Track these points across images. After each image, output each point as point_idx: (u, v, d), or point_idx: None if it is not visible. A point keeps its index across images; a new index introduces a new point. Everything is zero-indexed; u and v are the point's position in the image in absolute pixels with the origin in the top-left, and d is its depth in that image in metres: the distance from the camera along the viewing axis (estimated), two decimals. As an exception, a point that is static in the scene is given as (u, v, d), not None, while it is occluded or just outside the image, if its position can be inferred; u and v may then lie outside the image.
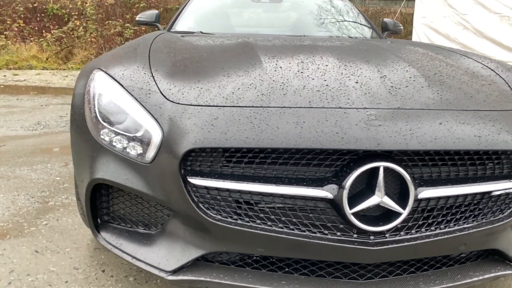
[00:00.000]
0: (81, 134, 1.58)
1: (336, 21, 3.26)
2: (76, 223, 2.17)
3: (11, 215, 2.24)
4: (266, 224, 1.29)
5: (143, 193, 1.40)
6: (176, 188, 1.31)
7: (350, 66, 1.63)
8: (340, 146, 1.20)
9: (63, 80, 7.38)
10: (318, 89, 1.42)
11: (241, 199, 1.30)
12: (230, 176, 1.29)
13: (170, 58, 1.79)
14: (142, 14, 3.36)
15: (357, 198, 1.24)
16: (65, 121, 4.37)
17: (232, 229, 1.29)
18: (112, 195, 1.57)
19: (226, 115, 1.31)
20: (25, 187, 2.63)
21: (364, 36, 3.10)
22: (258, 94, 1.40)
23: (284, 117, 1.28)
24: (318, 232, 1.28)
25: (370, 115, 1.28)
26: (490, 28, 5.80)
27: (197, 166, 1.31)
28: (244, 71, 1.58)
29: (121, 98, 1.48)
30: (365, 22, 3.35)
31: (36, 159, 3.18)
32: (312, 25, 3.14)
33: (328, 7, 3.38)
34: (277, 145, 1.22)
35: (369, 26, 3.32)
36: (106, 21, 10.62)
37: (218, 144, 1.24)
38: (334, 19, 3.29)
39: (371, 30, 3.27)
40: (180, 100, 1.41)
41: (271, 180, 1.27)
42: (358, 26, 3.26)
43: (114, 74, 1.57)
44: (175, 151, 1.28)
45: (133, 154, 1.42)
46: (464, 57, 2.06)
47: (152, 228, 1.53)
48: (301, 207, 1.29)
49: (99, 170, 1.46)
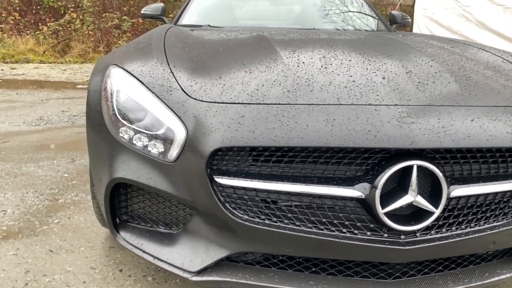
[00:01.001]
0: (99, 132, 1.55)
1: (344, 14, 3.23)
2: (88, 221, 2.14)
3: (22, 213, 2.21)
4: (295, 224, 1.26)
5: (167, 193, 1.37)
6: (202, 187, 1.28)
7: (374, 61, 1.59)
8: (373, 145, 1.17)
9: (61, 74, 7.29)
10: (345, 85, 1.39)
11: (269, 198, 1.28)
12: (258, 175, 1.26)
13: (186, 54, 1.75)
14: (147, 8, 3.31)
15: (388, 197, 1.21)
16: (67, 116, 4.32)
17: (260, 229, 1.26)
18: (131, 194, 1.53)
19: (253, 113, 1.28)
20: (33, 184, 2.59)
21: (373, 29, 3.07)
22: (284, 90, 1.37)
23: (313, 115, 1.25)
24: (348, 231, 1.25)
25: (402, 112, 1.25)
26: (494, 20, 5.76)
27: (224, 165, 1.28)
28: (266, 67, 1.55)
29: (141, 95, 1.44)
30: (373, 15, 3.31)
31: (41, 155, 3.14)
32: (320, 17, 3.10)
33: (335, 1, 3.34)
34: (308, 143, 1.19)
35: (378, 19, 3.28)
36: (103, 14, 10.50)
37: (247, 143, 1.21)
38: (342, 12, 3.25)
39: (380, 22, 3.23)
40: (203, 98, 1.37)
41: (300, 179, 1.24)
42: (367, 18, 3.22)
43: (132, 71, 1.53)
44: (201, 150, 1.25)
45: (154, 152, 1.39)
46: (482, 51, 2.03)
47: (173, 228, 1.50)
48: (330, 206, 1.26)
49: (120, 169, 1.43)
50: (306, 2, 3.37)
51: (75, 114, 4.38)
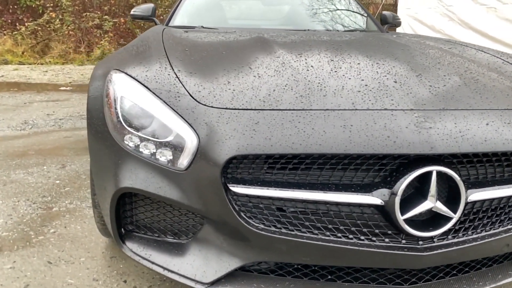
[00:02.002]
0: (102, 140, 1.49)
1: (337, 14, 3.22)
2: (86, 230, 2.07)
3: (15, 223, 2.12)
4: (312, 233, 1.24)
5: (177, 202, 1.33)
6: (217, 196, 1.24)
7: (383, 64, 1.58)
8: (393, 151, 1.15)
9: (43, 75, 7.10)
10: (358, 89, 1.37)
11: (285, 206, 1.25)
12: (273, 183, 1.23)
13: (188, 57, 1.70)
14: (137, 8, 3.23)
15: (406, 204, 1.20)
16: (53, 119, 4.20)
17: (276, 238, 1.24)
18: (138, 203, 1.49)
19: (267, 119, 1.25)
20: (24, 192, 2.50)
21: (367, 29, 3.07)
22: (297, 95, 1.34)
23: (329, 121, 1.23)
24: (366, 239, 1.24)
25: (419, 117, 1.24)
26: (476, 20, 5.86)
27: (238, 173, 1.24)
28: (275, 71, 1.52)
29: (148, 102, 1.39)
30: (367, 15, 3.31)
31: (30, 161, 3.03)
32: (313, 18, 3.08)
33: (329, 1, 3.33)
34: (326, 150, 1.16)
35: (371, 19, 3.29)
36: (83, 13, 10.27)
37: (263, 151, 1.18)
38: (332, 11, 3.24)
39: (372, 23, 3.24)
40: (213, 104, 1.34)
41: (317, 186, 1.22)
42: (360, 19, 3.22)
43: (136, 76, 1.48)
44: (215, 158, 1.21)
45: (163, 160, 1.35)
46: (480, 52, 2.05)
47: (182, 237, 1.46)
48: (348, 213, 1.24)
49: (127, 178, 1.38)
50: (297, 3, 3.35)
51: (61, 118, 4.26)
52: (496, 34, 5.61)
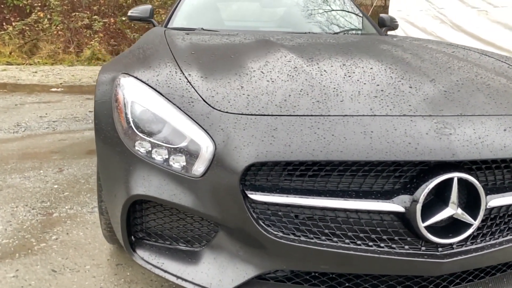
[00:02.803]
0: (112, 146, 1.46)
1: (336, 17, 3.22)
2: (89, 236, 2.03)
3: (15, 230, 2.07)
4: (332, 240, 1.22)
5: (193, 210, 1.30)
6: (235, 204, 1.22)
7: (395, 69, 1.58)
8: (414, 158, 1.15)
9: (32, 76, 6.97)
10: (374, 95, 1.36)
11: (304, 214, 1.23)
12: (292, 190, 1.21)
13: (197, 61, 1.68)
14: (134, 10, 3.18)
15: (426, 210, 1.19)
16: (46, 122, 4.12)
17: (295, 247, 1.22)
18: (149, 211, 1.45)
19: (286, 126, 1.23)
20: (22, 197, 2.44)
21: (367, 32, 3.07)
22: (313, 101, 1.33)
23: (349, 127, 1.22)
24: (385, 246, 1.23)
25: (438, 123, 1.23)
26: (468, 22, 5.93)
27: (257, 180, 1.22)
28: (288, 76, 1.50)
29: (160, 107, 1.37)
30: (365, 18, 3.32)
31: (26, 165, 2.97)
32: (313, 20, 3.08)
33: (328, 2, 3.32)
34: (348, 157, 1.15)
35: (369, 22, 3.29)
36: (72, 13, 10.12)
37: (283, 158, 1.16)
38: (334, 15, 3.24)
39: (371, 25, 3.24)
40: (228, 109, 1.31)
41: (337, 193, 1.21)
42: (360, 21, 3.23)
43: (147, 80, 1.45)
44: (233, 165, 1.19)
45: (176, 167, 1.32)
46: (484, 56, 2.06)
47: (195, 245, 1.43)
48: (367, 221, 1.23)
49: (140, 186, 1.35)
50: (296, 5, 3.34)
51: (54, 120, 4.18)
52: (487, 37, 5.67)
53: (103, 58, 9.22)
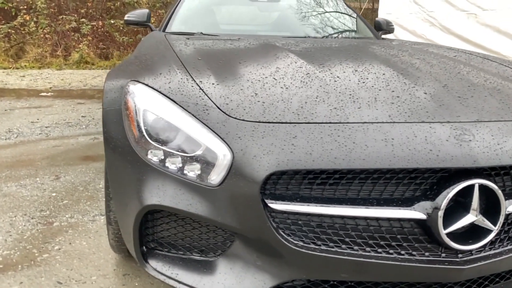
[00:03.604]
0: (123, 155, 1.43)
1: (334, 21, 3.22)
2: (92, 246, 1.99)
3: (15, 241, 2.01)
4: (353, 249, 1.21)
5: (209, 220, 1.28)
6: (254, 213, 1.20)
7: (407, 74, 1.58)
8: (436, 165, 1.14)
9: (20, 80, 6.84)
10: (391, 101, 1.35)
11: (325, 223, 1.22)
12: (313, 199, 1.20)
13: (205, 67, 1.65)
14: (131, 14, 3.14)
15: (447, 217, 1.19)
16: (39, 127, 4.03)
17: (315, 256, 1.20)
18: (161, 220, 1.42)
19: (305, 133, 1.22)
20: (20, 206, 2.38)
21: (365, 35, 3.08)
22: (330, 108, 1.32)
23: (369, 134, 1.21)
24: (406, 253, 1.22)
25: (456, 130, 1.23)
26: (458, 25, 6.01)
27: (276, 189, 1.21)
28: (301, 82, 1.49)
29: (174, 115, 1.34)
30: (362, 22, 3.33)
31: (21, 172, 2.90)
32: (312, 25, 3.08)
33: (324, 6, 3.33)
34: (370, 165, 1.14)
35: (366, 26, 3.31)
36: (59, 16, 9.97)
37: (305, 166, 1.15)
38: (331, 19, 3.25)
39: (368, 29, 3.26)
40: (244, 117, 1.30)
41: (358, 202, 1.20)
42: (358, 25, 3.24)
43: (159, 88, 1.42)
44: (253, 174, 1.17)
45: (191, 175, 1.30)
46: (487, 60, 2.08)
47: (209, 255, 1.40)
48: (388, 228, 1.22)
49: (154, 195, 1.32)
50: (294, 9, 3.33)
51: (47, 125, 4.10)
52: (477, 39, 5.76)
53: (92, 62, 9.11)
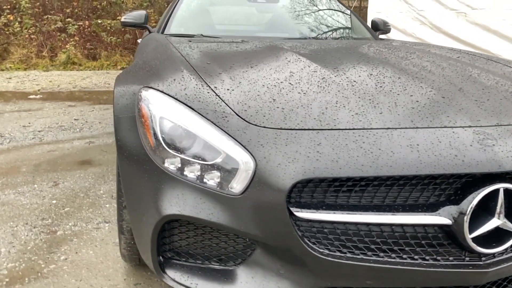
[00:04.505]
0: (139, 164, 1.40)
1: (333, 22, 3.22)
2: (99, 255, 1.94)
3: (19, 252, 1.96)
4: (378, 256, 1.21)
5: (232, 229, 1.26)
6: (279, 222, 1.18)
7: (422, 78, 1.58)
8: (462, 170, 1.14)
9: (7, 82, 6.69)
10: (411, 106, 1.35)
11: (350, 230, 1.21)
12: (339, 207, 1.19)
13: (215, 72, 1.63)
14: (128, 15, 3.08)
15: (472, 221, 1.19)
16: (31, 132, 3.94)
17: (341, 264, 1.19)
18: (179, 229, 1.40)
19: (329, 140, 1.21)
20: (20, 215, 2.32)
21: (365, 36, 3.09)
22: (352, 113, 1.31)
23: (394, 140, 1.20)
24: (430, 258, 1.22)
25: (479, 134, 1.24)
26: (448, 24, 6.08)
27: (302, 197, 1.19)
28: (318, 87, 1.47)
29: (192, 122, 1.32)
30: (359, 22, 3.34)
31: (17, 179, 2.83)
32: (313, 26, 3.07)
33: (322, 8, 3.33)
34: (398, 172, 1.13)
35: (364, 26, 3.32)
36: (44, 16, 9.78)
37: (331, 174, 1.14)
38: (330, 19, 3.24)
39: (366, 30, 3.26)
40: (265, 124, 1.28)
41: (383, 208, 1.19)
42: (357, 26, 3.24)
43: (175, 95, 1.39)
44: (278, 182, 1.16)
45: (211, 184, 1.27)
46: (491, 61, 2.09)
47: (229, 263, 1.38)
48: (413, 234, 1.22)
49: (174, 205, 1.30)
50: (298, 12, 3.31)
51: (39, 130, 4.01)
52: (466, 38, 5.83)
53: (79, 63, 8.96)
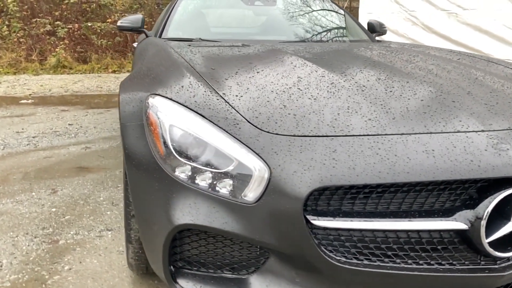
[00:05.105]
0: (148, 172, 1.38)
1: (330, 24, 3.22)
2: (104, 264, 1.91)
3: (22, 263, 1.92)
4: (395, 262, 1.20)
5: (246, 238, 1.25)
6: (296, 230, 1.17)
7: (430, 82, 1.58)
8: (479, 176, 1.14)
9: (-3, 87, 6.60)
10: (423, 110, 1.35)
11: (367, 237, 1.20)
12: (356, 214, 1.18)
13: (221, 77, 1.62)
14: (125, 19, 3.05)
15: (488, 226, 1.19)
16: (25, 138, 3.88)
17: (358, 271, 1.19)
18: (190, 238, 1.38)
19: (345, 147, 1.20)
20: (20, 224, 2.28)
21: (363, 39, 3.10)
22: (365, 119, 1.30)
23: (409, 146, 1.20)
24: (447, 263, 1.22)
25: (492, 138, 1.24)
26: (439, 24, 6.13)
27: (318, 205, 1.18)
28: (328, 92, 1.47)
29: (203, 130, 1.30)
30: (356, 24, 3.35)
31: (14, 187, 2.77)
32: (311, 29, 3.07)
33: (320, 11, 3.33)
34: (415, 178, 1.13)
35: (360, 28, 3.32)
36: (32, 19, 9.65)
37: (349, 181, 1.13)
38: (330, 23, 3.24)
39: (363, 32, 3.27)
40: (278, 131, 1.27)
41: (399, 215, 1.18)
42: (354, 28, 3.25)
43: (185, 102, 1.38)
44: (294, 190, 1.15)
45: (224, 192, 1.26)
46: (492, 63, 2.11)
47: (241, 272, 1.37)
48: (428, 240, 1.21)
49: (186, 214, 1.28)
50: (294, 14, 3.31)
51: (34, 135, 3.95)
52: (458, 38, 5.89)
53: (70, 66, 8.86)
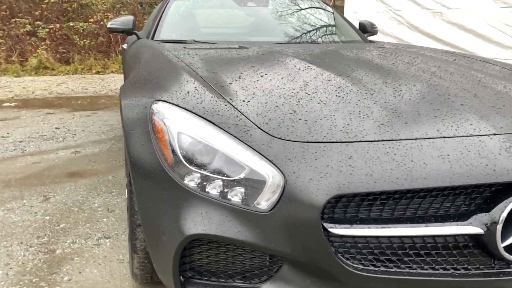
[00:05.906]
0: (156, 181, 1.34)
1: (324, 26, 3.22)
2: (104, 273, 1.86)
3: (18, 274, 1.85)
4: (411, 268, 1.19)
5: (260, 247, 1.22)
6: (314, 239, 1.15)
7: (437, 85, 1.58)
8: (495, 180, 1.14)
9: (-23, 90, 6.40)
10: (434, 114, 1.35)
11: (383, 244, 1.19)
12: (373, 221, 1.17)
13: (225, 82, 1.59)
14: (115, 21, 2.98)
15: (503, 230, 1.20)
16: (11, 142, 3.77)
17: (376, 278, 1.18)
18: (200, 248, 1.35)
19: (360, 153, 1.18)
20: (13, 233, 2.20)
21: (355, 39, 3.10)
22: (378, 124, 1.29)
23: (424, 151, 1.19)
24: (462, 268, 1.22)
25: (504, 142, 1.24)
26: (424, 23, 6.20)
27: (334, 212, 1.17)
28: (337, 96, 1.45)
29: (213, 137, 1.28)
30: (348, 25, 3.35)
31: (4, 195, 2.69)
32: (305, 30, 3.05)
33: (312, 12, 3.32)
34: (432, 184, 1.12)
35: (353, 29, 3.33)
36: (11, 19, 9.41)
37: (367, 188, 1.12)
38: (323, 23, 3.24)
39: (355, 32, 3.28)
40: (290, 137, 1.25)
41: (416, 220, 1.18)
42: (346, 28, 3.25)
43: (193, 108, 1.34)
44: (311, 198, 1.13)
45: (236, 201, 1.24)
46: (488, 64, 2.13)
47: (254, 281, 1.34)
48: (444, 245, 1.21)
49: (198, 224, 1.25)
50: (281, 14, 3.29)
51: (20, 140, 3.84)
52: (443, 37, 5.97)
53: (52, 67, 8.67)
